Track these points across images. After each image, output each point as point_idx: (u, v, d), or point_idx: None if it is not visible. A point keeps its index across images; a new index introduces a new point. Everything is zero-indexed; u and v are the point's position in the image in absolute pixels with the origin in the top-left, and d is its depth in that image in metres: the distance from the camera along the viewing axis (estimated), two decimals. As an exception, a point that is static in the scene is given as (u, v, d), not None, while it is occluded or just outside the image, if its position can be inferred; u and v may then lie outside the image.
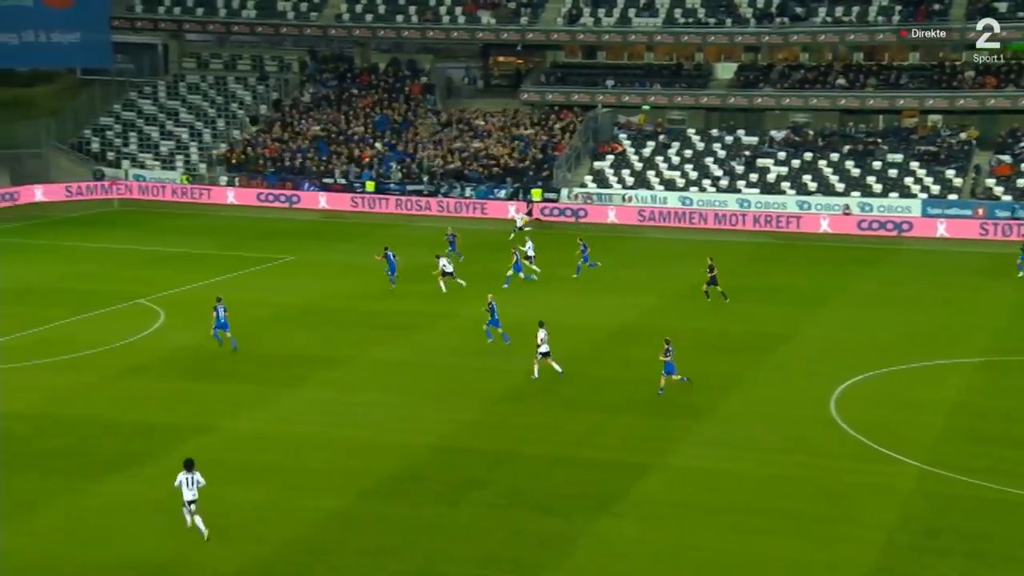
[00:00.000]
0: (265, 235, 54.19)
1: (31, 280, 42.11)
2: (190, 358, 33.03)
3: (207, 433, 26.96)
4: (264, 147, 66.05)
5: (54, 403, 28.73)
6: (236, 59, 73.20)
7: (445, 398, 29.84)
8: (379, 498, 23.52)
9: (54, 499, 22.87)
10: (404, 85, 69.97)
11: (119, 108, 69.92)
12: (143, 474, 24.42)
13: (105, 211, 59.78)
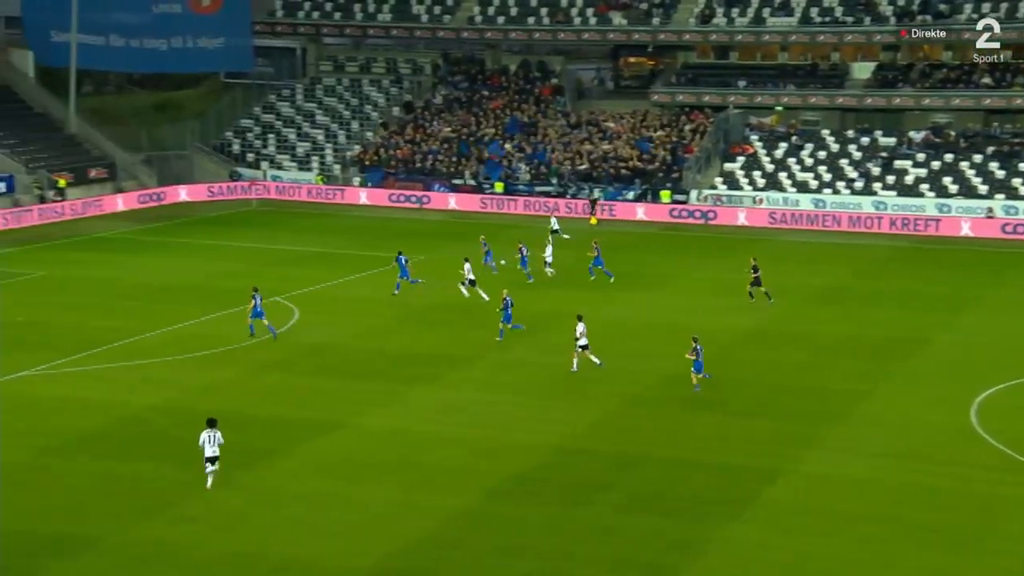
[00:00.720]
0: (396, 235, 54.98)
1: (174, 277, 43.61)
2: (323, 355, 33.70)
3: (338, 429, 27.44)
4: (396, 148, 67.08)
5: (193, 397, 29.64)
6: (371, 62, 74.55)
7: (571, 399, 29.75)
8: (506, 498, 23.58)
9: (192, 490, 23.57)
10: (534, 87, 70.16)
11: (259, 111, 71.93)
12: (277, 467, 25.00)
13: (244, 211, 61.55)
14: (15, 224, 53.97)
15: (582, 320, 31.80)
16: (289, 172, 67.27)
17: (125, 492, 23.41)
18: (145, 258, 47.44)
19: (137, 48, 67.18)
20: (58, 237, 52.04)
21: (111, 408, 28.49)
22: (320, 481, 24.25)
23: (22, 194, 57.47)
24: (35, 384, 30.21)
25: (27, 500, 22.81)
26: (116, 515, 22.35)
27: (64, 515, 22.28)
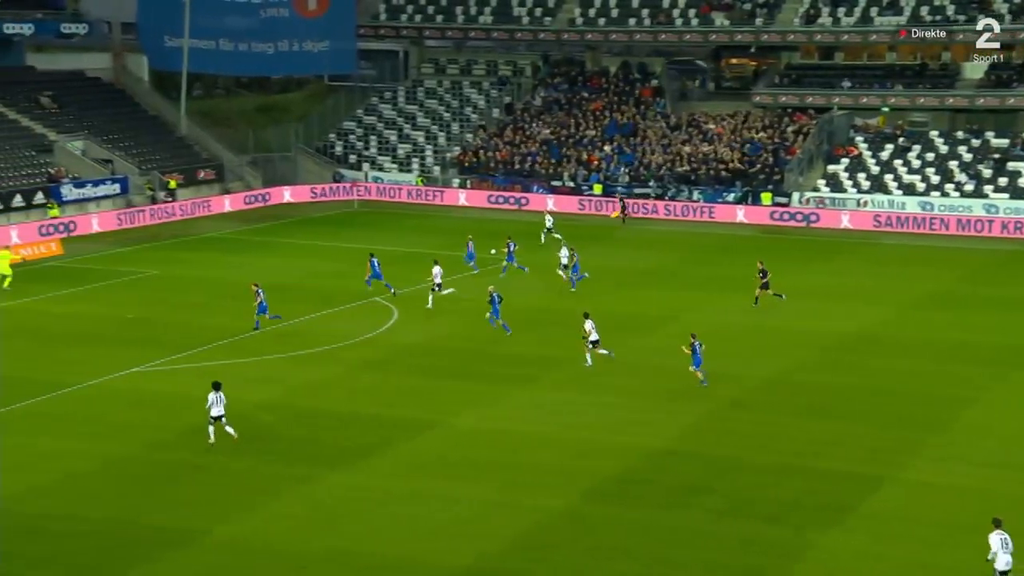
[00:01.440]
0: (495, 236, 55.17)
1: (278, 277, 44.43)
2: (422, 354, 34.01)
3: (436, 428, 27.65)
4: (495, 150, 67.38)
5: (296, 395, 30.17)
6: (472, 64, 75.02)
7: (670, 401, 29.51)
8: (603, 499, 23.49)
9: (294, 486, 23.99)
10: (634, 88, 69.81)
11: (361, 113, 72.94)
12: (376, 466, 25.30)
13: (345, 212, 62.45)
14: (128, 224, 55.65)
15: (589, 317, 32.15)
16: (390, 173, 68.06)
17: (229, 487, 23.94)
18: (250, 258, 48.46)
19: (245, 52, 68.68)
20: (168, 237, 53.50)
21: (217, 404, 29.12)
22: (418, 480, 24.47)
23: (135, 195, 59.25)
24: (145, 380, 31.10)
25: (135, 492, 23.49)
26: (219, 509, 22.86)
27: (168, 507, 22.87)
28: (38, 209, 53.89)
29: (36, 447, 25.72)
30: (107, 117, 63.93)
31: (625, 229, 56.94)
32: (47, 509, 22.46)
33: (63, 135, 60.11)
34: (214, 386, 26.15)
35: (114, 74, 68.63)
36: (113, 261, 47.35)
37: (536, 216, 60.91)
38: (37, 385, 29.85)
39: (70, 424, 27.44)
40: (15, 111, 60.51)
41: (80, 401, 29.16)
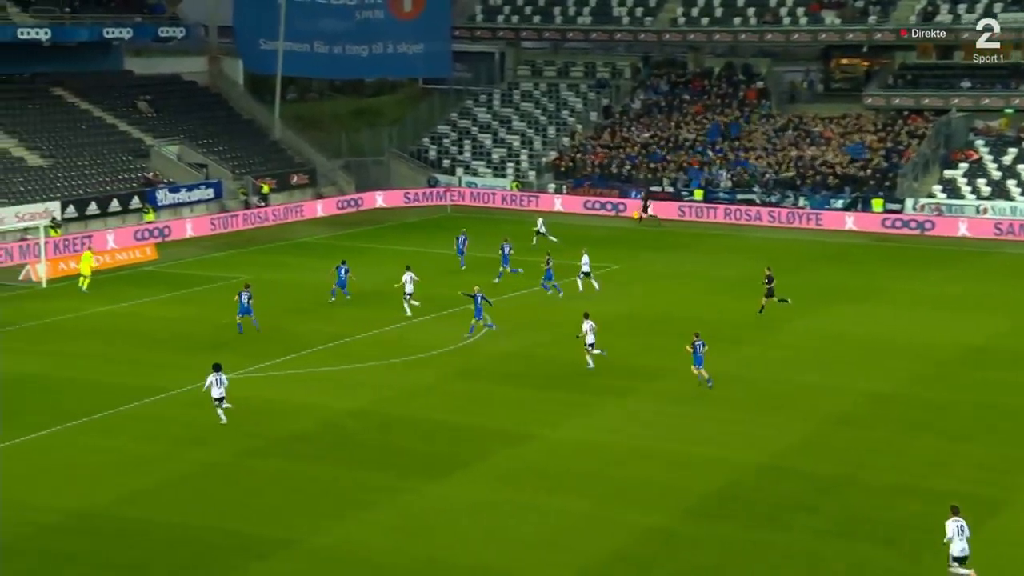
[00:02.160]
0: (590, 242, 55.08)
1: (372, 283, 45.08)
2: (515, 363, 34.16)
3: (529, 439, 27.74)
4: (592, 154, 67.37)
5: (388, 402, 30.57)
6: (569, 66, 75.14)
7: (774, 415, 29.16)
8: (703, 516, 23.32)
9: (388, 496, 24.29)
10: (738, 90, 69.15)
11: (455, 116, 73.58)
12: (469, 476, 25.49)
13: (439, 217, 63.04)
14: (222, 228, 57.01)
15: (588, 318, 32.75)
16: (484, 178, 68.47)
17: (321, 495, 24.36)
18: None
19: (340, 55, 69.90)
20: (262, 242, 54.64)
21: (311, 411, 29.71)
22: (511, 491, 24.60)
23: (229, 199, 60.70)
24: (238, 386, 31.75)
25: (227, 499, 24.06)
26: (311, 517, 23.27)
27: (261, 515, 23.36)
28: (134, 214, 55.54)
29: (134, 451, 26.53)
30: (202, 121, 65.62)
31: (733, 236, 56.39)
32: (145, 515, 23.13)
33: (159, 139, 61.87)
34: (214, 368, 28.16)
35: (209, 78, 70.40)
36: (207, 266, 48.56)
37: (632, 222, 60.68)
38: (135, 390, 30.78)
39: (167, 429, 28.22)
40: (113, 115, 62.49)
41: (177, 406, 29.99)
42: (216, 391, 28.16)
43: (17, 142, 56.86)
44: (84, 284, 42.57)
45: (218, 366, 28.51)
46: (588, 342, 32.74)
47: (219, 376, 28.25)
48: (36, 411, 29.03)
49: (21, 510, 23.06)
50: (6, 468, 25.33)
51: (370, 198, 65.62)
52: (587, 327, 32.81)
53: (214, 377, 28.21)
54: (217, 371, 28.31)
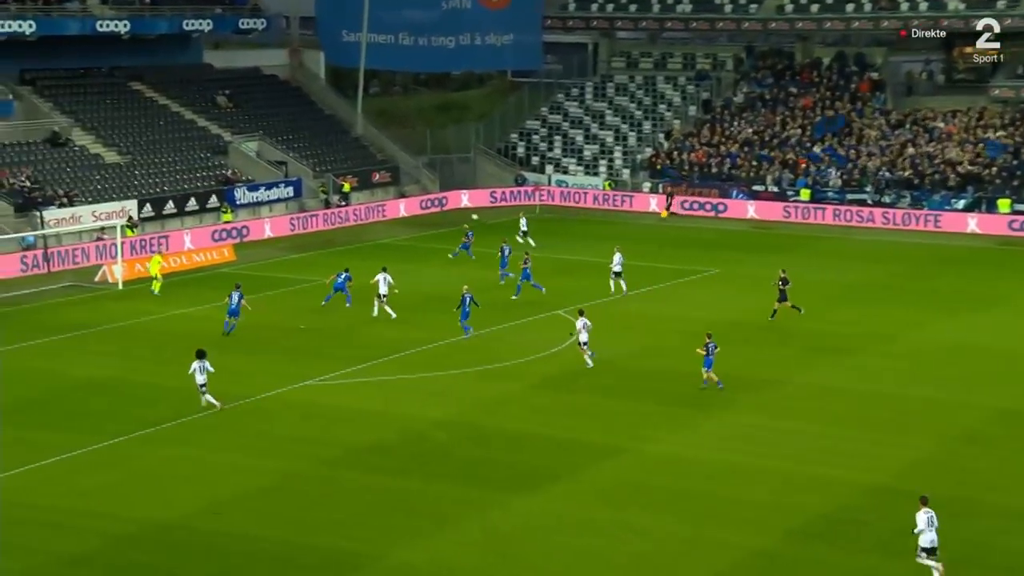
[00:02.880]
0: (688, 245, 54.76)
1: (448, 287, 45.25)
2: (607, 372, 34.01)
3: (623, 454, 27.60)
4: (691, 151, 66.85)
5: (472, 412, 30.66)
6: (667, 57, 74.70)
7: (888, 431, 28.59)
8: (809, 540, 22.93)
9: (473, 511, 24.35)
10: (850, 82, 68.03)
11: (545, 111, 73.59)
12: (557, 491, 25.41)
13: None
14: (301, 229, 57.81)
15: (583, 315, 33.69)
16: (575, 176, 68.38)
17: (401, 509, 24.51)
18: (425, 266, 49.57)
19: (425, 47, 70.40)
20: (342, 243, 55.26)
21: (391, 421, 29.94)
22: (602, 509, 24.47)
23: (308, 198, 61.54)
24: (317, 393, 32.21)
25: (304, 512, 24.32)
26: (391, 533, 23.41)
27: (339, 529, 23.56)
28: (211, 213, 56.61)
29: (213, 461, 26.98)
30: (282, 117, 66.67)
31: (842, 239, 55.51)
32: (221, 527, 23.49)
33: (238, 136, 62.99)
34: (198, 354, 29.88)
35: (290, 71, 71.50)
36: (285, 268, 49.27)
37: (734, 224, 60.11)
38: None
39: (243, 438, 28.66)
40: (191, 111, 63.79)
41: (253, 414, 30.45)
42: (200, 378, 29.74)
43: (94, 139, 58.38)
44: (156, 287, 43.42)
45: (202, 352, 30.04)
46: (582, 340, 33.52)
47: (203, 363, 29.83)
48: (111, 417, 29.72)
49: (96, 519, 23.61)
50: (82, 476, 25.96)
51: (455, 197, 65.94)
52: (580, 325, 33.63)
53: (198, 364, 29.80)
54: (201, 358, 29.89)
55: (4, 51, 56.42)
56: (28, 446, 27.53)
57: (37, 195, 51.26)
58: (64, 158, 55.56)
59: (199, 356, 30.08)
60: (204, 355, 30.15)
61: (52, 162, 54.88)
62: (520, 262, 43.46)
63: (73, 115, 58.66)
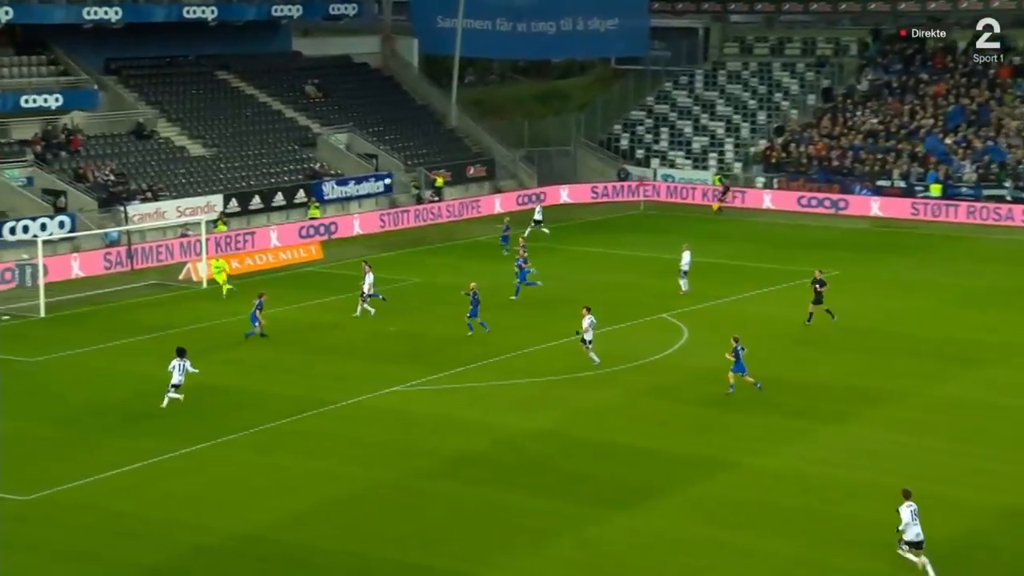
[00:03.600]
0: (805, 245, 54.12)
1: (552, 288, 45.37)
2: (716, 381, 33.73)
3: (731, 468, 27.40)
4: (809, 143, 66.04)
5: (571, 422, 30.68)
6: (784, 42, 73.90)
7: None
8: (938, 566, 22.47)
9: (569, 526, 24.33)
10: (988, 68, 66.51)
11: (651, 101, 73.34)
12: (661, 508, 25.31)
13: (630, 214, 62.92)
14: (391, 226, 58.42)
15: (590, 312, 34.06)
16: (682, 171, 68.02)
17: (494, 524, 24.63)
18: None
19: (524, 33, 70.56)
20: (434, 241, 55.71)
21: (484, 430, 30.09)
22: (709, 527, 24.33)
23: (399, 193, 62.17)
24: (406, 400, 32.53)
25: (392, 525, 24.56)
26: (483, 549, 23.53)
27: (429, 545, 23.72)
28: (298, 209, 57.52)
29: (297, 469, 27.42)
30: (373, 107, 67.47)
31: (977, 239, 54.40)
32: (309, 540, 23.81)
33: (327, 127, 63.90)
34: (178, 352, 30.77)
35: (382, 59, 72.30)
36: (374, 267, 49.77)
37: (856, 222, 59.26)
38: (297, 402, 31.83)
39: (331, 445, 29.07)
40: (279, 101, 64.89)
41: (341, 420, 30.86)
42: (176, 377, 30.55)
43: (180, 130, 59.73)
44: (224, 290, 43.44)
45: (182, 351, 30.90)
46: (587, 339, 34.00)
47: (182, 362, 30.66)
48: (192, 423, 30.36)
49: (177, 528, 24.14)
50: (163, 483, 26.60)
51: (554, 193, 66.02)
52: (587, 323, 33.95)
53: (176, 362, 30.67)
54: (181, 356, 30.72)
55: (90, 39, 57.98)
56: (108, 450, 28.29)
57: (121, 189, 52.60)
58: (149, 151, 56.95)
59: (179, 354, 30.93)
60: (185, 353, 30.98)
61: (137, 155, 56.29)
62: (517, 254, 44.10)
63: (158, 106, 60.08)
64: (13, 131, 53.89)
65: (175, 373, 30.72)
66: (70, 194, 50.96)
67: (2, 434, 29.19)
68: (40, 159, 52.50)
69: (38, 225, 48.05)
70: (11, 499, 25.30)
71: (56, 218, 49.10)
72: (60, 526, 24.13)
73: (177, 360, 30.85)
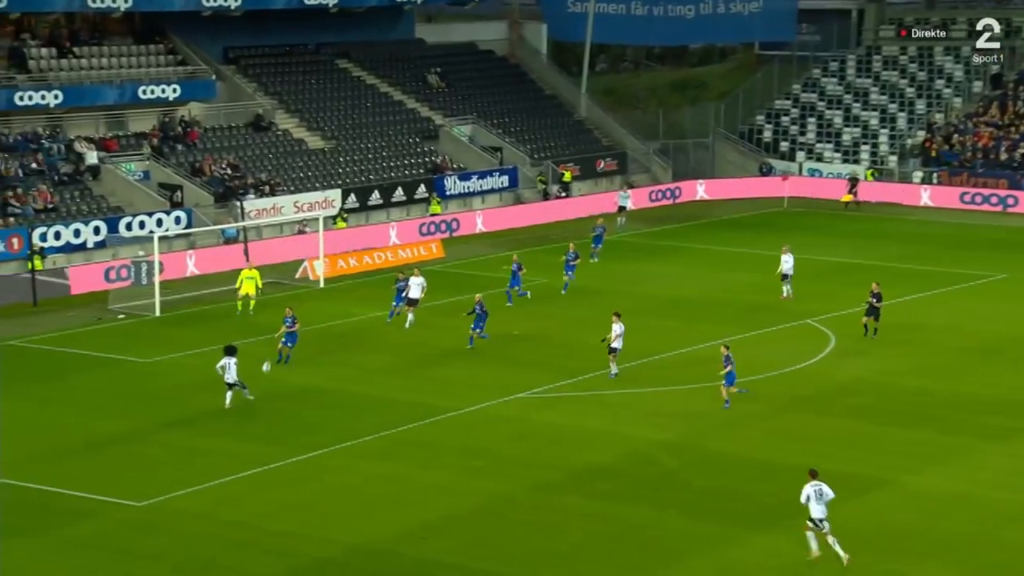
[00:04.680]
0: (969, 245, 52.99)
1: (687, 290, 45.12)
2: (865, 393, 33.36)
3: (884, 488, 27.04)
4: (974, 134, 64.56)
5: (706, 435, 30.52)
6: (948, 24, 72.17)
7: None
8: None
9: (705, 547, 24.25)
10: None
11: (798, 89, 72.43)
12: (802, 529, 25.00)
13: (773, 211, 62.26)
14: (516, 223, 58.64)
15: (619, 318, 33.65)
16: (831, 164, 67.13)
17: (626, 541, 24.59)
18: (654, 266, 49.53)
19: (660, 17, 70.33)
20: (559, 239, 55.70)
21: (613, 441, 30.11)
22: (859, 551, 23.94)
23: (524, 188, 62.43)
24: (531, 408, 32.68)
25: (520, 541, 24.67)
26: (614, 568, 23.52)
27: (558, 561, 23.79)
28: (419, 204, 58.15)
29: (415, 479, 27.73)
30: (498, 97, 67.89)
31: None
32: (429, 554, 24.07)
33: (449, 119, 64.48)
34: (227, 351, 31.50)
35: (508, 46, 72.68)
36: (498, 266, 50.06)
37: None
38: (416, 408, 32.22)
39: (451, 455, 29.34)
40: (400, 91, 65.71)
41: (461, 429, 31.14)
42: (229, 376, 31.45)
43: (298, 122, 60.90)
44: (251, 305, 41.82)
45: (232, 349, 31.68)
46: (613, 346, 33.67)
47: (229, 360, 31.45)
48: (308, 429, 30.95)
49: (293, 540, 24.59)
50: (278, 491, 27.15)
51: (690, 188, 65.65)
52: (617, 330, 33.70)
53: (226, 361, 31.47)
54: (230, 355, 31.52)
55: (208, 27, 59.41)
56: (221, 456, 28.99)
57: (237, 184, 53.81)
58: (266, 143, 58.16)
59: (228, 352, 31.69)
60: (235, 351, 31.74)
61: (254, 148, 57.52)
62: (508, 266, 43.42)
63: (277, 96, 61.31)
64: (130, 123, 55.53)
65: (225, 373, 31.54)
66: (186, 188, 52.32)
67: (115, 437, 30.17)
68: (156, 152, 54.01)
69: (154, 221, 49.43)
70: (125, 504, 26.09)
71: (172, 213, 50.46)
72: (176, 535, 24.76)
73: (226, 359, 31.63)
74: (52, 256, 46.50)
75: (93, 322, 41.43)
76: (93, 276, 45.50)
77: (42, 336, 39.63)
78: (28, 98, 51.89)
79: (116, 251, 47.91)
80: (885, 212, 61.06)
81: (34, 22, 55.95)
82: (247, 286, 41.67)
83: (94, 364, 36.84)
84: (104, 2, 53.93)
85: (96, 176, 51.93)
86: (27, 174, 50.26)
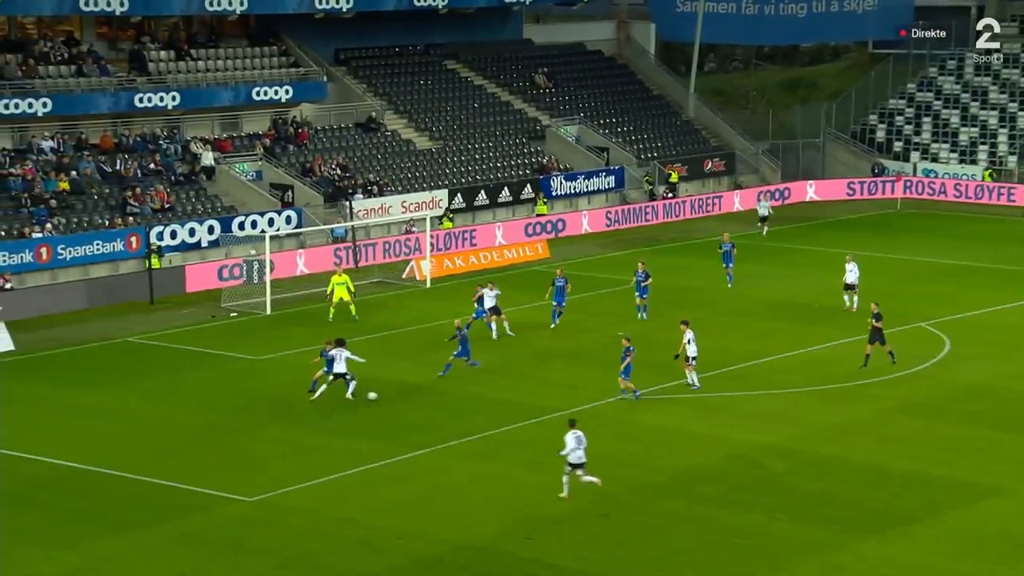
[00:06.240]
0: None
1: (797, 291, 44.58)
2: (983, 398, 32.81)
3: (1002, 495, 26.56)
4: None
5: (814, 439, 30.15)
6: (1067, 22, 70.50)
7: None
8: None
9: (813, 554, 23.94)
10: None
11: (912, 88, 71.17)
12: (916, 536, 24.64)
13: (886, 213, 61.32)
14: (621, 224, 58.49)
15: (688, 326, 33.16)
16: (947, 165, 65.91)
17: (731, 546, 24.41)
18: (763, 267, 49.00)
19: (771, 16, 69.63)
20: (666, 240, 55.51)
21: (718, 444, 29.89)
22: (972, 560, 23.60)
23: (631, 189, 62.21)
24: (634, 409, 32.56)
25: (624, 543, 24.61)
26: (717, 572, 23.42)
27: (664, 565, 23.69)
28: (524, 205, 58.27)
29: (520, 480, 27.80)
30: (605, 97, 67.78)
31: None
32: (535, 555, 24.10)
33: (556, 119, 64.51)
34: (337, 343, 32.21)
35: (616, 46, 72.58)
36: (603, 267, 50.00)
37: None
38: (520, 408, 32.33)
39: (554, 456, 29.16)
40: (508, 91, 65.93)
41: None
42: (338, 366, 32.03)
43: (407, 122, 61.41)
44: (352, 311, 41.34)
45: (341, 341, 32.46)
46: (690, 355, 33.09)
47: (340, 352, 32.06)
48: (414, 427, 31.19)
49: (399, 538, 24.82)
50: (384, 490, 27.41)
51: (799, 189, 64.97)
52: (689, 337, 33.05)
53: (336, 352, 32.08)
54: (340, 346, 32.19)
55: (320, 29, 60.19)
56: (328, 454, 29.34)
57: (346, 184, 54.44)
58: (375, 144, 58.73)
59: (339, 344, 32.28)
60: (344, 343, 32.34)
61: (363, 148, 58.14)
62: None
63: (386, 97, 61.88)
64: (244, 124, 56.44)
65: (334, 364, 32.09)
66: (297, 188, 53.04)
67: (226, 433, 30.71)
68: (268, 152, 54.84)
69: (266, 220, 50.17)
70: (237, 499, 26.53)
71: (283, 213, 51.19)
72: (285, 530, 25.12)
73: (337, 350, 32.21)
74: (169, 255, 47.41)
75: (207, 320, 42.18)
76: (207, 275, 46.34)
77: (158, 333, 40.46)
78: (147, 100, 52.98)
79: (229, 250, 48.72)
80: (997, 215, 59.72)
81: (154, 25, 57.16)
82: (339, 291, 41.55)
83: (207, 361, 37.52)
84: (221, 5, 54.86)
85: (211, 176, 52.87)
86: (145, 174, 51.33)
